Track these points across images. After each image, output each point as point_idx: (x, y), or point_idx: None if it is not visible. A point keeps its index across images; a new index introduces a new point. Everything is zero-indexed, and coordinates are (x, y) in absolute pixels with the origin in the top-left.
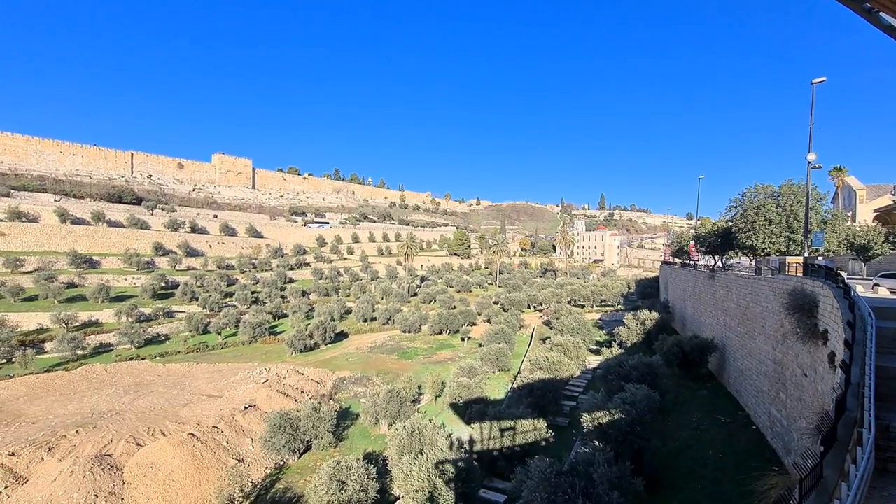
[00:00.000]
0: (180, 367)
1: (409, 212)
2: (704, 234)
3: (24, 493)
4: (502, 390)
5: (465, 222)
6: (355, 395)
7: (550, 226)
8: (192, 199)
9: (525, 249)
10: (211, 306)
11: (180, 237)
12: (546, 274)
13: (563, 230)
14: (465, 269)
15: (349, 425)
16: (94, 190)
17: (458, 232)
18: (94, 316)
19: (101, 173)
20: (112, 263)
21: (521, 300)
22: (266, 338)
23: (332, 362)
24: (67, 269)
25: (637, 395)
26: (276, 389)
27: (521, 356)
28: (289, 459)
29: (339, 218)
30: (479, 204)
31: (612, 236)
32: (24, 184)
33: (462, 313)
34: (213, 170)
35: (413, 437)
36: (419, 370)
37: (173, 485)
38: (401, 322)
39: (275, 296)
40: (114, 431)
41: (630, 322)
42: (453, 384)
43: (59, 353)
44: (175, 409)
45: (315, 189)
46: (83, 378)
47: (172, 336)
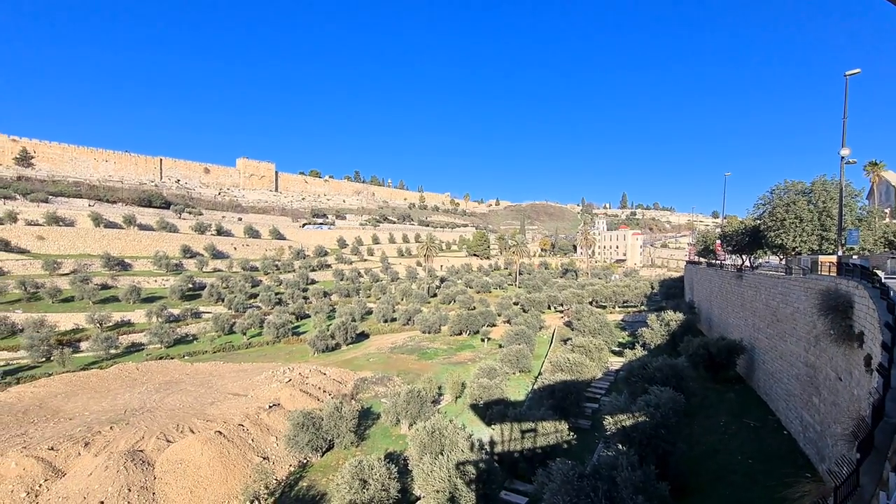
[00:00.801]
0: (207, 367)
1: (428, 213)
2: (731, 232)
3: (62, 486)
4: (523, 391)
5: (484, 223)
6: (376, 394)
7: (571, 225)
8: (217, 203)
9: (545, 250)
10: (236, 307)
11: (207, 240)
12: (567, 274)
13: (584, 230)
14: (484, 269)
15: (370, 425)
16: (125, 195)
17: (478, 232)
18: (127, 316)
19: (132, 178)
20: (143, 265)
21: (541, 301)
22: (289, 338)
23: (353, 362)
24: (101, 271)
25: (662, 397)
26: (299, 389)
27: (541, 357)
28: (312, 458)
29: (359, 220)
30: (498, 204)
31: (635, 236)
32: (61, 189)
33: (482, 314)
34: (237, 174)
35: (434, 438)
36: (439, 371)
37: (201, 481)
38: (421, 323)
39: (297, 297)
40: (145, 428)
41: (654, 323)
42: (473, 385)
43: (94, 352)
44: (203, 407)
45: (336, 191)
46: (116, 376)
47: (200, 336)
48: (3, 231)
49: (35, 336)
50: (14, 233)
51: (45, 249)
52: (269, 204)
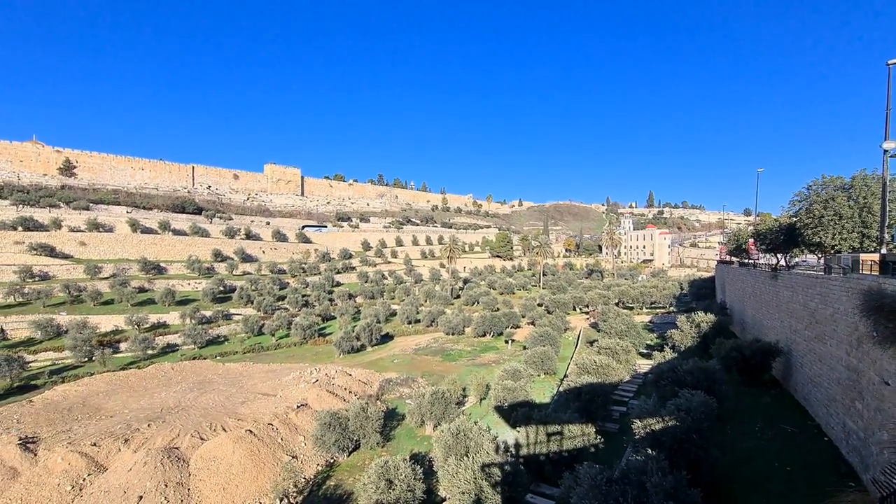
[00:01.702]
0: (238, 367)
1: (451, 214)
2: (765, 230)
3: (104, 481)
4: (548, 394)
5: (507, 224)
6: (401, 395)
7: (596, 225)
8: (246, 208)
9: (569, 250)
10: (265, 309)
11: (236, 244)
12: (592, 275)
13: (609, 230)
14: (507, 270)
15: (395, 425)
16: (160, 201)
17: (501, 233)
18: (162, 318)
19: (166, 185)
20: (177, 269)
21: (566, 302)
22: (316, 339)
23: (378, 363)
24: (138, 274)
25: (693, 401)
26: (325, 389)
27: (566, 359)
28: (339, 457)
29: (382, 222)
30: (521, 205)
31: (662, 235)
32: (101, 197)
33: (505, 315)
34: (265, 179)
35: (458, 439)
36: (463, 372)
37: (233, 478)
38: (444, 324)
39: (323, 299)
40: (180, 426)
41: (683, 324)
42: (498, 387)
43: (133, 353)
44: (234, 406)
45: (360, 194)
46: (153, 376)
47: (230, 337)
48: (49, 237)
49: (78, 337)
50: (58, 239)
51: (86, 254)
52: (295, 208)
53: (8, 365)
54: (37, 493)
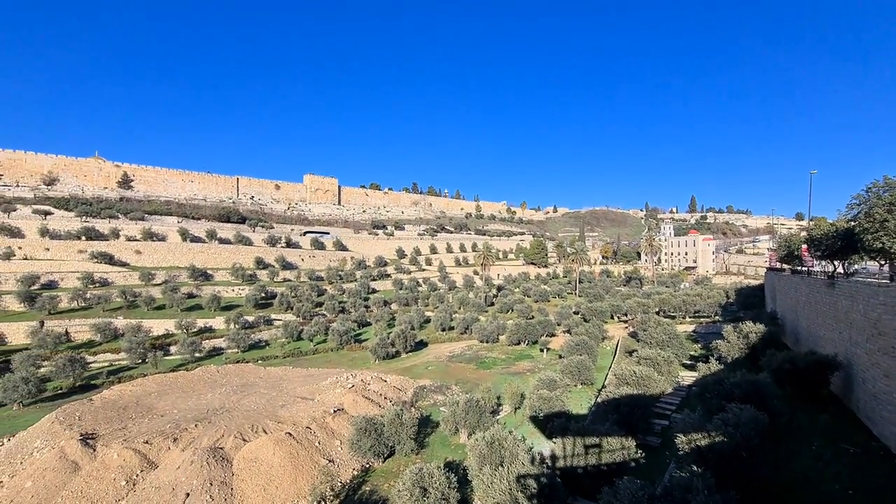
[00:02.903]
0: (278, 371)
1: (484, 222)
2: (820, 236)
3: (155, 477)
4: (585, 405)
5: (541, 230)
6: (435, 403)
7: (634, 231)
8: (287, 217)
9: (606, 257)
10: (304, 315)
11: (277, 252)
12: (630, 282)
13: (649, 236)
14: (542, 278)
15: (430, 433)
16: (207, 211)
17: (535, 240)
18: (209, 322)
19: (213, 196)
20: (222, 276)
21: (603, 310)
22: (352, 345)
23: (412, 370)
24: (188, 281)
25: (741, 416)
26: (361, 395)
27: (604, 369)
28: (374, 463)
29: (417, 230)
30: (556, 211)
31: (706, 241)
32: (154, 208)
33: (540, 323)
34: (304, 189)
35: (493, 449)
36: (497, 380)
37: (273, 479)
38: (478, 332)
39: (359, 305)
40: (224, 427)
41: (730, 335)
42: (533, 396)
43: (182, 355)
44: (274, 408)
45: (394, 203)
46: (200, 378)
47: (271, 341)
48: (108, 246)
49: (133, 340)
50: (117, 248)
51: (141, 262)
52: (332, 217)
53: (72, 365)
54: (95, 486)
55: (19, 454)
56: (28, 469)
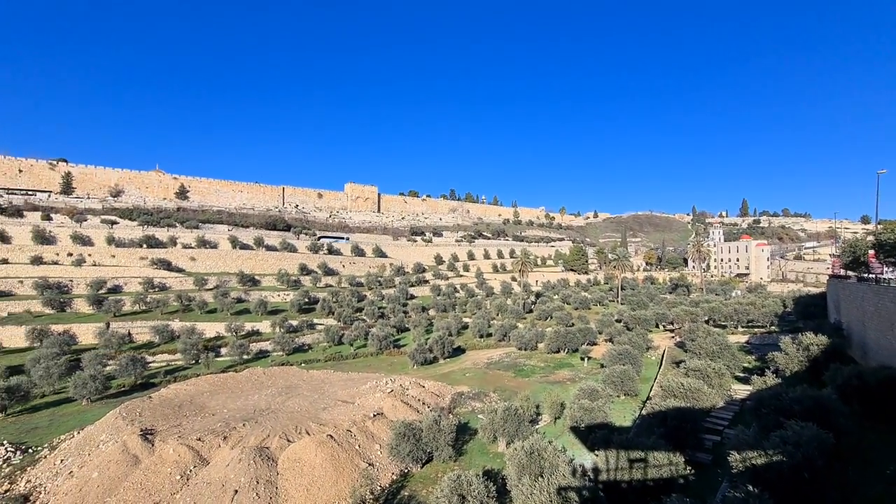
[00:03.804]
0: (320, 374)
1: (522, 228)
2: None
3: (206, 473)
4: (629, 416)
5: (581, 236)
6: (473, 410)
7: (680, 237)
8: (328, 224)
9: (650, 263)
10: (344, 320)
11: (320, 258)
12: (677, 290)
13: (696, 241)
14: (582, 284)
15: (468, 440)
16: (255, 220)
17: (575, 246)
18: (256, 326)
19: (260, 205)
20: (268, 282)
21: (647, 318)
22: (391, 350)
23: (450, 376)
24: (237, 286)
25: (803, 434)
26: (400, 399)
27: (649, 380)
28: (413, 468)
29: (454, 236)
30: (596, 217)
31: (760, 247)
32: (207, 217)
33: (581, 331)
34: (345, 197)
35: (532, 459)
36: (536, 389)
37: (316, 480)
38: (516, 339)
39: (398, 311)
40: (270, 427)
41: (788, 346)
42: (574, 406)
43: (231, 357)
44: (316, 411)
45: (432, 210)
46: (247, 379)
47: (314, 345)
48: (166, 253)
49: (188, 342)
50: (174, 255)
51: (195, 268)
52: (372, 224)
53: (133, 365)
54: (153, 479)
55: (87, 446)
56: (95, 460)
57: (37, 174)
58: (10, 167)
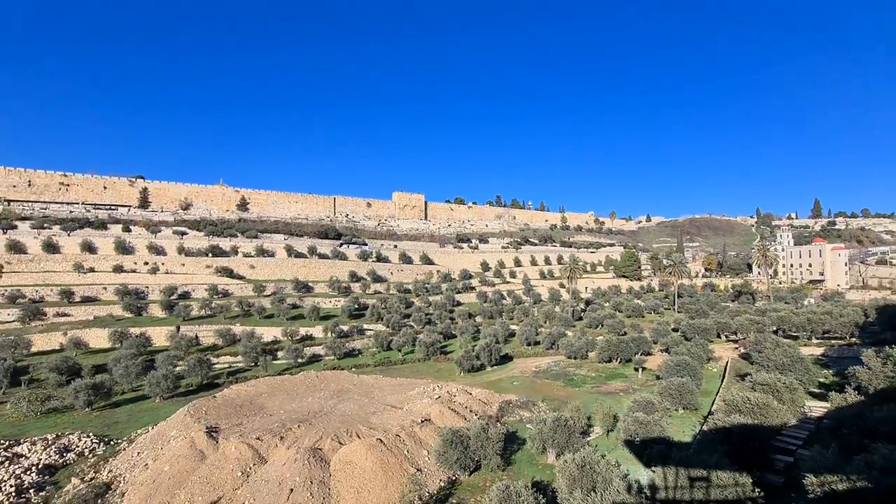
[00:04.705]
0: (370, 379)
1: (570, 233)
2: None
3: (264, 472)
4: (688, 432)
5: (633, 241)
6: (521, 419)
7: (743, 241)
8: (377, 232)
9: (710, 269)
10: (393, 326)
11: (369, 266)
12: (740, 297)
13: (762, 245)
14: (635, 291)
15: (516, 450)
16: (308, 229)
17: (627, 252)
18: (309, 331)
19: (313, 215)
20: (321, 288)
21: (707, 328)
22: (438, 356)
23: (497, 384)
24: (292, 292)
25: (893, 459)
26: (447, 406)
27: (710, 394)
28: (460, 476)
29: (501, 243)
30: (649, 220)
31: (835, 250)
32: (265, 227)
33: (634, 340)
34: (393, 206)
35: (584, 472)
36: (587, 399)
37: (366, 483)
38: (565, 347)
39: (444, 317)
40: (323, 429)
41: (872, 360)
42: (628, 419)
43: (286, 360)
44: (366, 415)
45: (478, 216)
46: (302, 382)
47: (364, 350)
48: (229, 262)
49: (248, 345)
50: (235, 263)
51: (254, 276)
52: (419, 231)
53: (200, 366)
54: (217, 474)
55: (160, 441)
56: (166, 455)
57: (118, 190)
58: (96, 184)
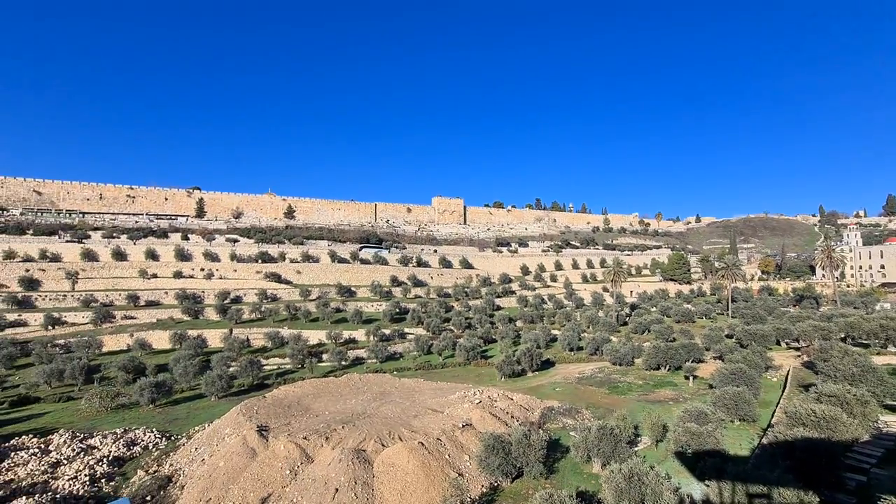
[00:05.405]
0: (411, 382)
1: (613, 235)
2: None
3: (311, 470)
4: (745, 445)
5: (681, 243)
6: (564, 426)
7: (804, 241)
8: (417, 238)
9: (767, 272)
10: (433, 330)
11: (409, 271)
12: (802, 302)
13: (826, 246)
14: (684, 295)
15: (559, 458)
16: (351, 235)
17: (675, 254)
18: (352, 334)
19: (355, 221)
20: (363, 293)
21: (765, 334)
22: (478, 360)
23: (539, 390)
24: (335, 297)
25: None
26: (488, 411)
27: (769, 405)
28: (502, 482)
29: (541, 246)
30: (699, 221)
31: None
32: (310, 234)
33: (684, 347)
34: (432, 211)
35: (632, 483)
36: (634, 408)
37: (408, 486)
38: (610, 353)
39: (484, 322)
40: (366, 431)
41: None
42: (678, 429)
43: (331, 363)
44: (408, 418)
45: (518, 220)
46: (345, 384)
47: (405, 354)
48: (277, 267)
49: (295, 348)
50: (283, 269)
51: (300, 281)
52: (458, 236)
53: (251, 367)
54: (267, 472)
55: (215, 437)
56: (221, 451)
57: (177, 201)
58: (158, 196)
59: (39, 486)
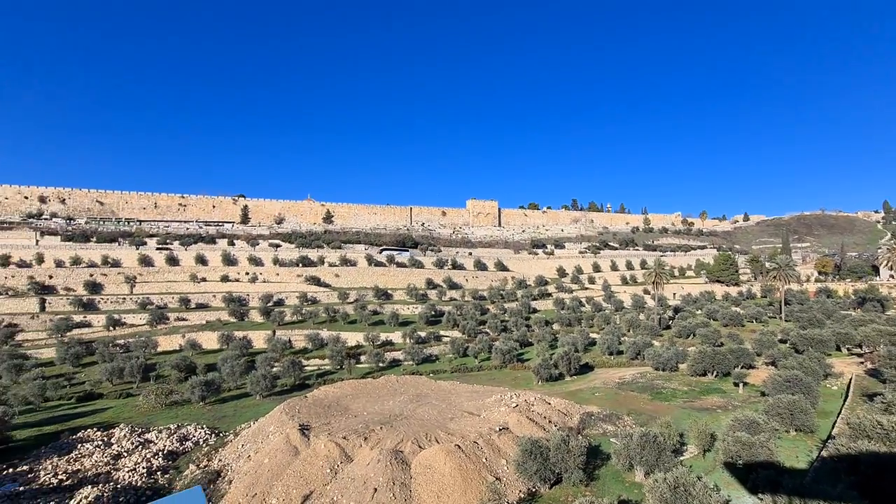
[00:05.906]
0: (447, 385)
1: (654, 236)
2: None
3: (350, 470)
4: (802, 457)
5: (728, 242)
6: (604, 433)
7: (867, 240)
8: (452, 240)
9: (824, 273)
10: (469, 332)
11: (444, 273)
12: (865, 304)
13: (893, 244)
14: (732, 298)
15: (599, 465)
16: (387, 238)
17: (721, 254)
18: (389, 337)
19: (391, 225)
20: (399, 296)
21: (824, 339)
22: (514, 364)
23: (577, 395)
24: (373, 300)
25: None
26: (525, 415)
27: (829, 415)
28: (540, 488)
29: (578, 248)
30: (747, 219)
31: None
32: (348, 238)
33: (732, 352)
34: (467, 213)
35: (677, 494)
36: (679, 415)
37: (445, 488)
38: (652, 357)
39: (520, 325)
40: (403, 432)
41: None
42: (728, 438)
43: (368, 364)
44: (444, 420)
45: (553, 221)
46: (383, 385)
47: (440, 356)
48: (316, 271)
49: (334, 349)
50: (322, 272)
51: (339, 284)
52: (493, 238)
53: (293, 367)
54: (308, 469)
55: (260, 435)
56: (265, 448)
57: (224, 208)
58: (206, 204)
59: (103, 477)
